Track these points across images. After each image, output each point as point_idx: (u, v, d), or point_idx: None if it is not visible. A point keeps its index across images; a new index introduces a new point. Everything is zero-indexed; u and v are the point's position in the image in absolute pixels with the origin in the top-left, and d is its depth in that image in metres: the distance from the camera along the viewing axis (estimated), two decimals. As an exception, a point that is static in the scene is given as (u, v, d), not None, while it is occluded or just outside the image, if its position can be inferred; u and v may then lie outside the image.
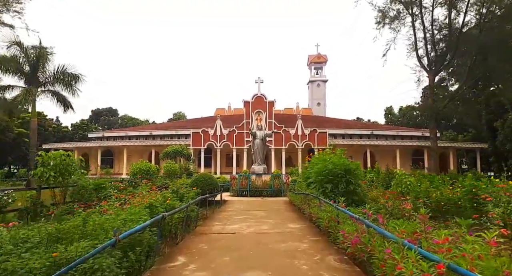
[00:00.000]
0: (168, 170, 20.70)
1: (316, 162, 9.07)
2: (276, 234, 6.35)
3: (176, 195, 8.57)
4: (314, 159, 9.74)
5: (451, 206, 9.17)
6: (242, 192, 15.57)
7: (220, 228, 7.16)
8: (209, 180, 12.27)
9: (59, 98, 27.50)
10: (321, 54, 65.17)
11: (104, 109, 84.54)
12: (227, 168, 38.98)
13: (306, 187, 9.63)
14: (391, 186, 11.84)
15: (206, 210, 10.04)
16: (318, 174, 8.14)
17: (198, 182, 12.07)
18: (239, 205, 11.33)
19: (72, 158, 9.39)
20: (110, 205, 6.42)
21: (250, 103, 37.41)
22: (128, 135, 45.01)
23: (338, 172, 7.80)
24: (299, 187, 10.32)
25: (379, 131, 43.75)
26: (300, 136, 36.99)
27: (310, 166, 9.59)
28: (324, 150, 11.14)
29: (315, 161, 9.52)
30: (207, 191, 11.92)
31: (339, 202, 5.96)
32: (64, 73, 26.91)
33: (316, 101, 64.23)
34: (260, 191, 15.38)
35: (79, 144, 43.39)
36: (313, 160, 9.63)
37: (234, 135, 37.06)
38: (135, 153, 43.12)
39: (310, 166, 9.76)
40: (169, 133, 43.77)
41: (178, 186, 9.82)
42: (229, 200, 13.23)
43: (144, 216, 4.77)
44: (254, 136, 16.59)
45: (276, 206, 11.12)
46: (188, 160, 33.56)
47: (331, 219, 5.57)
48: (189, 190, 9.01)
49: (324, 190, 7.87)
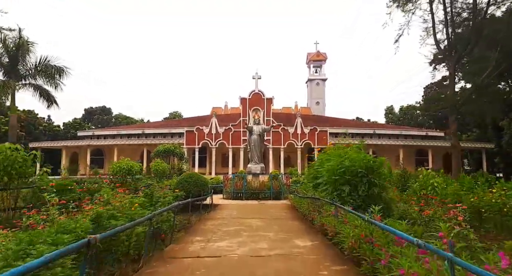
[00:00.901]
0: (156, 170, 18.85)
1: (326, 158, 7.27)
2: (280, 260, 4.49)
3: (150, 200, 6.74)
4: (323, 155, 7.95)
5: (493, 213, 7.44)
6: (237, 195, 13.77)
7: (201, 247, 5.29)
8: (198, 181, 10.44)
9: (42, 93, 25.54)
10: (321, 52, 63.50)
11: (98, 108, 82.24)
12: (222, 169, 37.13)
13: (313, 189, 7.85)
14: (408, 187, 10.12)
15: (191, 216, 8.23)
16: (331, 173, 6.34)
17: (184, 183, 10.25)
18: (231, 211, 9.53)
19: (22, 152, 7.50)
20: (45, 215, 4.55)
21: (247, 100, 35.57)
22: (119, 133, 43.05)
23: (358, 171, 6.00)
24: (303, 189, 8.53)
25: (382, 130, 42.11)
26: (299, 135, 35.23)
27: (319, 163, 7.81)
28: (322, 150, 9.33)
29: (324, 157, 7.73)
30: (195, 194, 10.11)
31: (372, 211, 4.13)
32: (47, 65, 24.99)
33: (315, 100, 62.55)
34: (257, 194, 13.59)
35: (68, 143, 41.36)
36: (322, 156, 7.85)
37: (230, 134, 35.22)
38: (126, 152, 41.05)
39: (318, 163, 7.98)
40: (162, 132, 41.88)
41: (154, 188, 7.98)
42: (221, 204, 11.41)
43: (69, 239, 2.94)
44: (250, 132, 14.74)
45: (276, 212, 9.34)
46: (181, 159, 31.75)
47: (361, 237, 3.78)
48: (167, 193, 7.20)
49: (339, 194, 6.08)
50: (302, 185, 9.36)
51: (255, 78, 34.98)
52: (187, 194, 10.13)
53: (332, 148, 7.75)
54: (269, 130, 15.00)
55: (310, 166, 9.82)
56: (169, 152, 30.32)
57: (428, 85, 63.06)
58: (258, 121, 14.92)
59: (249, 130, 14.70)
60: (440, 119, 60.04)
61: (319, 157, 8.03)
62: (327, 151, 7.83)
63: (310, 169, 9.60)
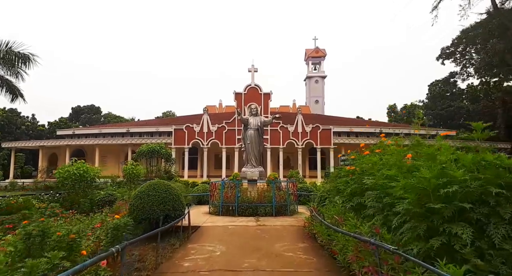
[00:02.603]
0: (128, 174, 15.30)
1: (387, 160, 3.84)
2: None
3: (28, 245, 3.27)
4: (373, 155, 4.55)
5: None
6: (228, 208, 10.33)
7: None
8: (166, 194, 6.95)
9: (2, 83, 21.88)
10: (320, 48, 60.37)
11: (86, 107, 78.09)
12: (215, 171, 33.61)
13: (354, 213, 4.43)
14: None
15: (155, 248, 4.77)
16: (419, 196, 2.88)
17: (144, 198, 6.73)
18: (215, 244, 5.95)
19: None
20: None
21: (242, 95, 32.07)
22: (102, 132, 39.25)
23: (493, 193, 2.56)
24: (334, 213, 5.05)
25: (389, 129, 38.80)
26: (300, 133, 31.82)
27: (368, 167, 4.39)
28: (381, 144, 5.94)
29: (376, 159, 4.30)
30: (160, 214, 6.62)
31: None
32: (8, 52, 21.33)
33: (314, 99, 59.39)
34: (255, 208, 10.12)
35: (44, 143, 37.48)
36: (372, 158, 4.43)
37: (224, 132, 31.70)
38: (109, 153, 37.44)
39: (364, 166, 4.56)
40: (148, 130, 38.21)
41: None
42: (202, 227, 7.89)
43: None
44: (245, 125, 11.15)
45: (288, 247, 5.69)
46: (168, 161, 28.11)
47: None
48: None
49: (445, 242, 2.62)
50: (329, 206, 5.88)
51: (251, 71, 31.48)
52: (146, 217, 6.62)
53: (415, 144, 4.30)
54: (271, 122, 11.53)
55: (336, 173, 6.39)
56: (154, 153, 26.71)
57: (433, 83, 60.32)
58: (255, 111, 11.37)
59: (244, 122, 11.11)
60: (445, 118, 57.21)
61: (365, 158, 4.61)
62: (393, 147, 4.41)
63: (337, 179, 6.15)
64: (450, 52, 44.84)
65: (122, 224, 4.72)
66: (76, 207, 9.72)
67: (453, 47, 44.70)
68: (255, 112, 11.21)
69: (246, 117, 11.11)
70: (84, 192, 10.59)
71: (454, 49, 44.94)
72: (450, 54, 45.15)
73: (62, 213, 7.19)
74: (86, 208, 9.70)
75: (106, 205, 9.94)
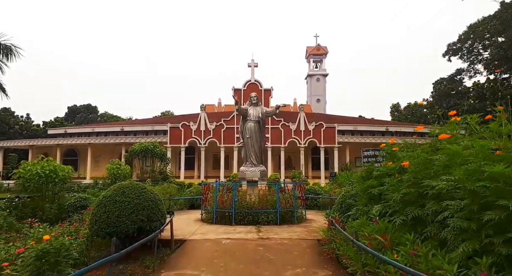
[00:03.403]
0: (113, 174, 13.64)
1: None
2: None
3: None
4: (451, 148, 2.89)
5: None
6: (223, 215, 8.69)
7: None
8: (138, 199, 5.29)
9: (-18, 77, 20.24)
10: (321, 46, 58.74)
11: (82, 106, 76.45)
12: (213, 172, 31.96)
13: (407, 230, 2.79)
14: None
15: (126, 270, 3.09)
16: None
17: (108, 204, 5.07)
18: (201, 272, 4.25)
19: None
20: None
21: (242, 92, 30.34)
22: (95, 131, 37.57)
23: None
24: (373, 231, 3.43)
25: (395, 128, 37.21)
26: (303, 132, 30.15)
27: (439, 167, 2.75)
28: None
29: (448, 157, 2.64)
30: (132, 227, 4.97)
31: None
32: (-12, 42, 19.71)
33: (316, 97, 57.75)
34: (255, 214, 8.48)
35: (34, 142, 35.82)
36: (459, 148, 2.77)
37: (222, 131, 30.03)
38: (103, 153, 35.74)
39: (455, 160, 2.92)
40: (144, 129, 36.56)
41: None
42: (188, 241, 6.23)
43: None
44: (244, 116, 9.41)
45: (305, 275, 4.21)
46: (163, 160, 26.39)
47: None
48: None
49: None
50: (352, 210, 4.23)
51: (251, 66, 29.58)
52: (111, 231, 4.95)
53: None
54: (274, 113, 9.82)
55: (365, 171, 4.74)
56: (147, 152, 24.93)
57: (438, 80, 58.66)
58: (256, 100, 9.66)
59: (243, 113, 9.37)
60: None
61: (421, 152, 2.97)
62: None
63: (365, 180, 4.49)
64: (457, 48, 43.28)
65: (52, 249, 3.05)
66: (40, 214, 8.07)
67: (459, 43, 43.13)
68: (255, 101, 9.50)
69: (245, 107, 9.41)
70: (53, 196, 8.92)
71: (461, 45, 43.36)
72: (457, 50, 43.58)
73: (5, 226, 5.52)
74: (52, 215, 8.05)
75: (77, 211, 8.30)
